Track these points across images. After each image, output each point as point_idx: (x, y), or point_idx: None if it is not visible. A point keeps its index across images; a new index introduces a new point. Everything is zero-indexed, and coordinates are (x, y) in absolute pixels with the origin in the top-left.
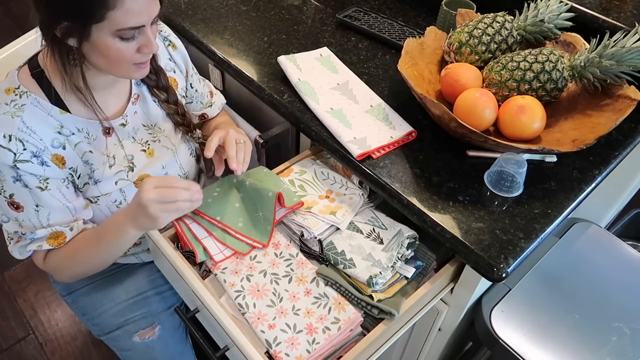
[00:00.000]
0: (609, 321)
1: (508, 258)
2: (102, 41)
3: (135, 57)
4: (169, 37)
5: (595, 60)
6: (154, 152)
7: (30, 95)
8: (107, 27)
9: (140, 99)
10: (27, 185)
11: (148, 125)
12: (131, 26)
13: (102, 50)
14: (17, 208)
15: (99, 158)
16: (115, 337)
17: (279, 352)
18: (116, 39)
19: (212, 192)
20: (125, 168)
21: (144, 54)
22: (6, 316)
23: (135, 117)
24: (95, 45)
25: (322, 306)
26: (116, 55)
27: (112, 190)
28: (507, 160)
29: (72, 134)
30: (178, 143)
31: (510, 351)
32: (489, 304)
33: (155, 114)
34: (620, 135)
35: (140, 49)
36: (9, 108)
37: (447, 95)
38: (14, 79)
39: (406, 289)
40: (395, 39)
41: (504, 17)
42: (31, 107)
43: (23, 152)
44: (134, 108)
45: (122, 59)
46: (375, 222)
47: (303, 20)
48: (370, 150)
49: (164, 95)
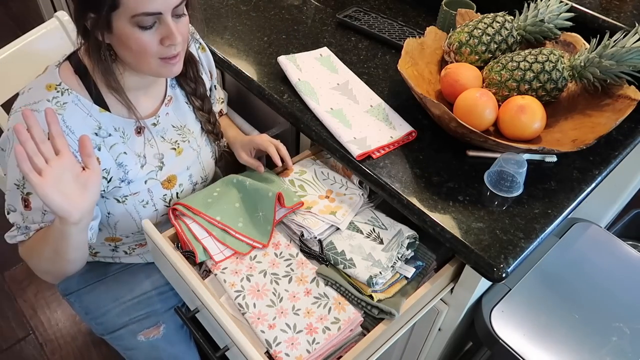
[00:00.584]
0: (609, 321)
1: (508, 258)
2: (123, 30)
3: (159, 50)
4: (198, 40)
5: (595, 60)
6: (183, 152)
7: (72, 93)
8: (123, 14)
9: (172, 101)
10: None
11: (177, 126)
12: (145, 11)
13: (124, 41)
14: (27, 206)
15: (133, 158)
16: (120, 336)
17: (279, 352)
18: (135, 27)
19: (212, 192)
20: (156, 168)
21: (167, 46)
22: (6, 316)
23: (166, 118)
24: (117, 36)
25: (322, 306)
26: (137, 46)
27: (141, 189)
28: (507, 160)
29: (109, 135)
30: (202, 145)
31: (510, 351)
32: (489, 304)
33: (185, 116)
34: (620, 135)
35: (162, 41)
36: (51, 104)
37: (447, 95)
38: (55, 75)
39: (406, 289)
40: (395, 39)
41: (504, 17)
42: (72, 105)
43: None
44: (166, 109)
45: (145, 51)
46: (375, 222)
47: (303, 20)
48: (370, 150)
49: (199, 103)
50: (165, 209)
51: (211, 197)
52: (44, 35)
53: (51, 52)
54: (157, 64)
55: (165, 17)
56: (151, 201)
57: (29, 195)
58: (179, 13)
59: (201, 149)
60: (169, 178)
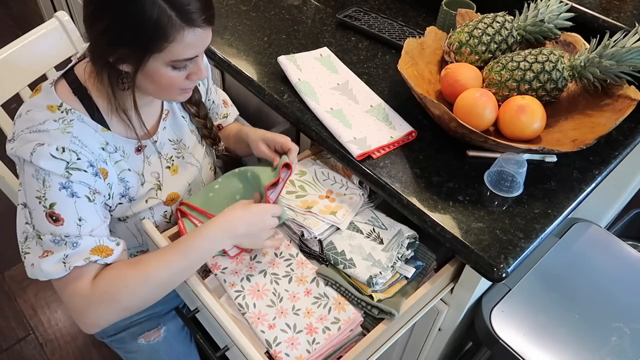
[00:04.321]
0: (609, 321)
1: (508, 258)
2: (156, 70)
3: (183, 84)
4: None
5: (595, 60)
6: (178, 169)
7: (75, 112)
8: (162, 58)
9: (169, 115)
10: (75, 194)
11: (174, 140)
12: (186, 57)
13: (154, 78)
14: (57, 221)
15: (135, 177)
16: (120, 339)
17: (279, 352)
18: (169, 67)
19: (213, 186)
20: (155, 186)
21: (193, 80)
22: (6, 316)
23: (164, 133)
24: (148, 73)
25: (322, 306)
26: (167, 83)
27: (142, 208)
28: (507, 160)
29: (115, 152)
30: (201, 158)
31: (510, 351)
32: (489, 304)
33: (181, 129)
34: (620, 135)
35: (190, 76)
36: (59, 124)
37: (447, 95)
38: (53, 95)
39: (406, 289)
40: (395, 39)
41: (504, 17)
42: (78, 123)
43: (77, 161)
44: (164, 124)
45: (172, 86)
46: (375, 222)
47: (303, 20)
48: (370, 150)
49: (194, 109)
50: (165, 223)
51: (212, 191)
52: (44, 35)
53: (51, 52)
54: (177, 93)
55: (199, 58)
56: (152, 218)
57: (53, 207)
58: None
59: (202, 164)
60: (170, 197)
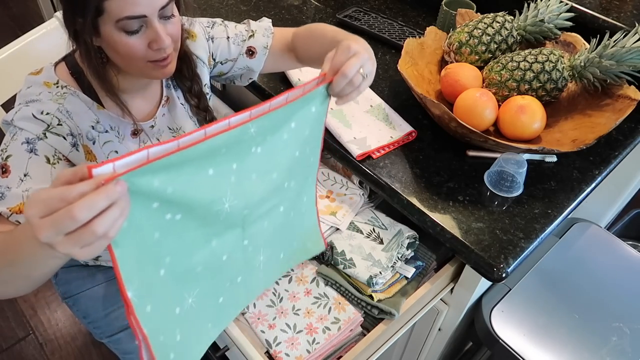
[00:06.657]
0: (609, 321)
1: (508, 258)
2: (110, 35)
3: (147, 54)
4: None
5: (595, 60)
6: None
7: (70, 89)
8: (108, 19)
9: (170, 102)
10: (34, 151)
11: (173, 128)
12: (128, 15)
13: (112, 46)
14: (4, 173)
15: None
16: (118, 340)
17: (279, 352)
18: (122, 32)
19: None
20: None
21: (155, 50)
22: (6, 316)
23: (162, 119)
24: (105, 40)
25: (322, 306)
26: (125, 51)
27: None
28: (507, 160)
29: (105, 132)
30: None
31: (510, 351)
32: (489, 304)
33: (181, 118)
34: (620, 135)
35: (150, 44)
36: (52, 96)
37: (447, 95)
38: (51, 74)
39: (406, 289)
40: (395, 39)
41: (504, 17)
42: (72, 97)
43: (57, 126)
44: (162, 110)
45: (133, 55)
46: (375, 222)
47: (303, 20)
48: (370, 150)
49: (195, 101)
50: None
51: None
52: (44, 35)
53: (51, 52)
54: (147, 66)
55: (151, 20)
56: None
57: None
58: (167, 14)
59: None
60: None
